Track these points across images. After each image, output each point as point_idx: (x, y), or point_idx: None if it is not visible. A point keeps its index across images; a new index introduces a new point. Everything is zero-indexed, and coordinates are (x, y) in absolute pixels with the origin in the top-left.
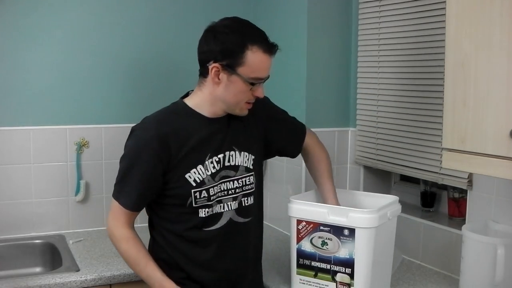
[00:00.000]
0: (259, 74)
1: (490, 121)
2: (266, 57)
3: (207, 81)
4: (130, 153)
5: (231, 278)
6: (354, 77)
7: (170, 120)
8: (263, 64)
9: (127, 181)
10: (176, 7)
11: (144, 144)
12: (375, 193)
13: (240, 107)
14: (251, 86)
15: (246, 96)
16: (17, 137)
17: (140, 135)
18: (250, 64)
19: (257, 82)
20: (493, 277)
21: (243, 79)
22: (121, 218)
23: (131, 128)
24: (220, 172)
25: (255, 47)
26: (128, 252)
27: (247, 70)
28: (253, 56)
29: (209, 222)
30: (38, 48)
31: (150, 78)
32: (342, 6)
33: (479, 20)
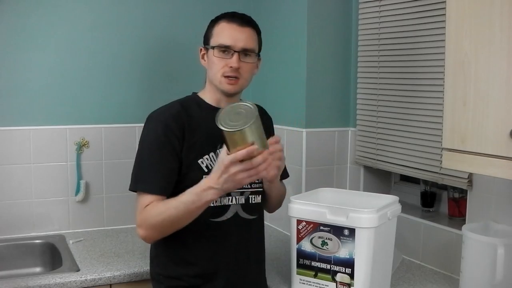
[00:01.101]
0: (223, 41)
1: (490, 121)
2: (230, 24)
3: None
4: (145, 139)
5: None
6: (354, 77)
7: (183, 108)
8: (225, 32)
9: (147, 167)
10: (175, 8)
11: (158, 127)
12: (375, 193)
13: (219, 80)
14: (221, 55)
15: (219, 66)
16: (17, 137)
17: (154, 121)
18: (215, 34)
19: (224, 48)
20: (493, 277)
21: (212, 49)
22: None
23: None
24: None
25: (221, 20)
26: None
27: (213, 41)
28: (218, 28)
29: (217, 213)
30: (38, 48)
31: (150, 78)
32: (342, 6)
33: (479, 20)
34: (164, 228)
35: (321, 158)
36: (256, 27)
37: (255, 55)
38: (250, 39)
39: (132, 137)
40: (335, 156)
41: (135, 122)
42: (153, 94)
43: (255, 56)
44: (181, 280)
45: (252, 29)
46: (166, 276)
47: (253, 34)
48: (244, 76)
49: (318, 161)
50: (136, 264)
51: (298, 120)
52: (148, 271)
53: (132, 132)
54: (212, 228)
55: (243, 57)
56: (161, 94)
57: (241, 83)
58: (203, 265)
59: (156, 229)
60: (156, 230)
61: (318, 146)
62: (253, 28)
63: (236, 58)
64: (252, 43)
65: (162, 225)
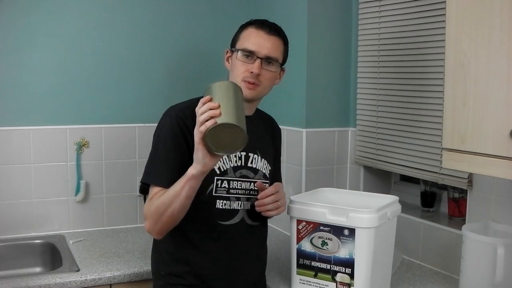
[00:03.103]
0: (248, 46)
1: (490, 121)
2: (257, 31)
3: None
4: (159, 133)
5: (231, 276)
6: (354, 77)
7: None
8: (252, 37)
9: (159, 159)
10: (175, 8)
11: (172, 119)
12: (375, 193)
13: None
14: (244, 59)
15: (241, 70)
16: (17, 137)
17: (168, 114)
18: (242, 38)
19: (247, 53)
20: (493, 277)
21: (236, 52)
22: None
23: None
24: (242, 169)
25: (250, 26)
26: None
27: (239, 44)
28: (245, 32)
29: (225, 216)
30: (38, 48)
31: (150, 78)
32: (342, 6)
33: (479, 20)
34: (161, 217)
35: (321, 158)
36: (284, 37)
37: (278, 65)
38: (275, 48)
39: (132, 137)
40: (335, 156)
41: (135, 122)
42: (153, 94)
43: (278, 66)
44: (181, 278)
45: (279, 39)
46: (167, 273)
47: (279, 44)
48: (264, 83)
49: (318, 161)
50: (136, 264)
51: (298, 120)
52: (148, 271)
53: (132, 132)
54: (219, 231)
55: (265, 65)
56: (161, 94)
57: (259, 90)
58: (205, 265)
59: (154, 219)
60: (154, 220)
61: (318, 146)
62: (281, 38)
63: (258, 65)
64: (277, 52)
65: (157, 214)
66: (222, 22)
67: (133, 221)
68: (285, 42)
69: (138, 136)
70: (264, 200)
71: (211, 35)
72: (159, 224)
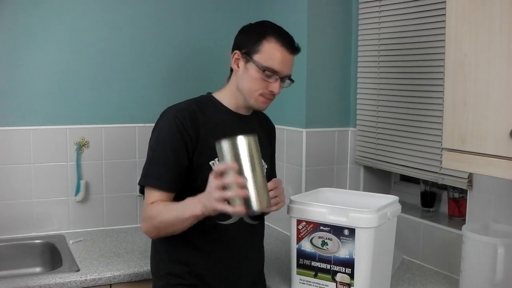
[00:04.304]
0: (272, 65)
1: (490, 121)
2: (282, 49)
3: (233, 73)
4: (159, 135)
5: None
6: (354, 77)
7: (200, 107)
8: (277, 55)
9: (157, 162)
10: (176, 8)
11: (172, 122)
12: (375, 193)
13: (255, 97)
14: (265, 77)
15: (260, 86)
16: (17, 137)
17: (168, 116)
18: (265, 52)
19: (271, 72)
20: (493, 277)
21: (257, 66)
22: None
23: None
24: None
25: (273, 38)
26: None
27: (261, 58)
28: (269, 46)
29: (223, 216)
30: (38, 48)
31: (150, 78)
32: (342, 6)
33: (479, 20)
34: (160, 228)
35: (321, 158)
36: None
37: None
38: (292, 66)
39: (132, 137)
40: (335, 156)
41: (135, 122)
42: (153, 94)
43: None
44: (181, 278)
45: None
46: (167, 273)
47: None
48: (276, 96)
49: (318, 161)
50: (136, 264)
51: (298, 120)
52: (148, 271)
53: (132, 132)
54: (218, 231)
55: (281, 82)
56: (161, 94)
57: (271, 103)
58: (205, 265)
59: (154, 226)
60: (154, 228)
61: (318, 146)
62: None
63: (279, 85)
64: (292, 69)
65: (158, 225)
66: (222, 22)
67: (133, 221)
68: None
69: (138, 136)
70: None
71: (211, 34)
72: (156, 232)
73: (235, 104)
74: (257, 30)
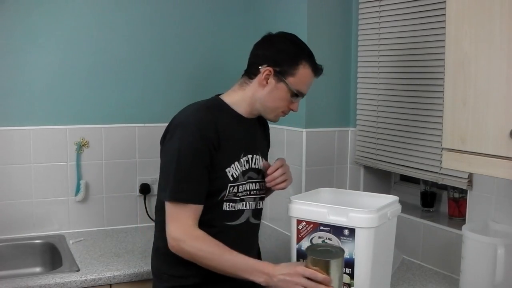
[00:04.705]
0: (302, 89)
1: (490, 121)
2: (312, 75)
3: (253, 82)
4: (183, 149)
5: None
6: (354, 77)
7: (213, 113)
8: (308, 80)
9: (186, 177)
10: (176, 8)
11: (196, 136)
12: (375, 193)
13: (276, 113)
14: (292, 98)
15: (284, 105)
16: (17, 137)
17: (190, 129)
18: (300, 77)
19: (299, 95)
20: (493, 277)
21: (288, 89)
22: (187, 221)
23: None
24: (248, 172)
25: (308, 64)
26: (207, 248)
27: (295, 81)
28: (303, 71)
29: (231, 217)
30: (38, 48)
31: (150, 78)
32: (342, 6)
33: (479, 20)
34: (203, 263)
35: (321, 158)
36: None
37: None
38: None
39: (132, 137)
40: (335, 156)
41: (135, 122)
42: (153, 94)
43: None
44: (185, 279)
45: None
46: (171, 275)
47: None
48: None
49: (318, 161)
50: (136, 264)
51: (298, 120)
52: (148, 271)
53: (132, 132)
54: (226, 231)
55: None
56: (161, 94)
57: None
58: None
59: (193, 257)
60: (193, 257)
61: (318, 146)
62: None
63: (298, 104)
64: None
65: (201, 260)
66: (222, 22)
67: (133, 221)
68: None
69: (138, 136)
70: (274, 174)
71: (211, 34)
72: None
73: (248, 111)
74: (294, 52)
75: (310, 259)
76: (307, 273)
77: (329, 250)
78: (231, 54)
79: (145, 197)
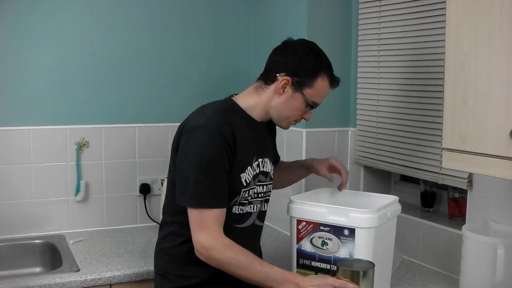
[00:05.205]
0: (318, 100)
1: (490, 121)
2: (329, 88)
3: (269, 88)
4: (204, 153)
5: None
6: (354, 77)
7: (229, 116)
8: (325, 93)
9: (208, 182)
10: (176, 8)
11: (217, 140)
12: (375, 193)
13: (288, 122)
14: (307, 108)
15: (298, 114)
16: (17, 137)
17: (210, 132)
18: (317, 89)
19: (315, 106)
20: (493, 277)
21: (305, 100)
22: (213, 226)
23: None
24: (258, 175)
25: (326, 77)
26: (237, 258)
27: (312, 93)
28: (321, 83)
29: (240, 220)
30: (38, 48)
31: (150, 78)
32: (342, 6)
33: (479, 20)
34: (229, 270)
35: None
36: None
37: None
38: None
39: (132, 137)
40: (335, 156)
41: (135, 122)
42: (153, 94)
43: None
44: (191, 279)
45: None
46: (178, 275)
47: None
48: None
49: None
50: (136, 264)
51: None
52: (148, 271)
53: (132, 132)
54: (233, 233)
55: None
56: (161, 94)
57: None
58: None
59: (223, 265)
60: (222, 266)
61: (318, 146)
62: None
63: (311, 113)
64: None
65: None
66: (222, 22)
67: (133, 221)
68: None
69: (138, 136)
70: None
71: (211, 34)
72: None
73: (262, 116)
74: (314, 63)
75: (341, 270)
76: (337, 283)
77: (360, 263)
78: (231, 54)
79: (145, 197)
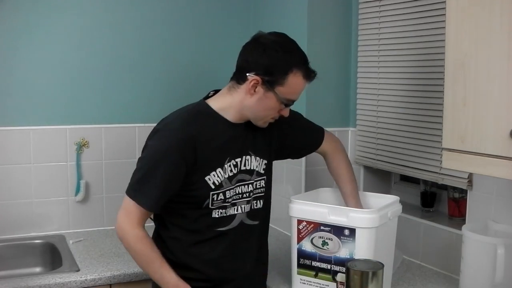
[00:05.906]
0: (292, 97)
1: (490, 121)
2: (304, 82)
3: (240, 89)
4: (155, 153)
5: (236, 278)
6: (354, 77)
7: (195, 122)
8: (299, 88)
9: (149, 181)
10: (176, 9)
11: (171, 145)
12: (376, 193)
13: (265, 121)
14: (282, 106)
15: (274, 113)
16: (17, 137)
17: (167, 136)
18: (290, 86)
19: (290, 103)
20: (493, 277)
21: (278, 98)
22: (136, 218)
23: (154, 128)
24: (237, 175)
25: (299, 71)
26: (143, 252)
27: (284, 91)
28: (293, 79)
29: (222, 223)
30: (39, 47)
31: (150, 78)
32: (342, 6)
33: (479, 20)
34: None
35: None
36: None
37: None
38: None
39: (132, 137)
40: None
41: (135, 122)
42: (153, 94)
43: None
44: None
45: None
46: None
47: None
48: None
49: (318, 161)
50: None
51: None
52: None
53: (132, 132)
54: (218, 237)
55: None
56: (161, 94)
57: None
58: (210, 271)
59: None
60: (128, 252)
61: None
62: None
63: (288, 110)
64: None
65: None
66: (222, 22)
67: None
68: None
69: (138, 136)
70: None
71: (211, 34)
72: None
73: (237, 117)
74: (284, 60)
75: (351, 271)
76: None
77: (369, 263)
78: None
79: None
